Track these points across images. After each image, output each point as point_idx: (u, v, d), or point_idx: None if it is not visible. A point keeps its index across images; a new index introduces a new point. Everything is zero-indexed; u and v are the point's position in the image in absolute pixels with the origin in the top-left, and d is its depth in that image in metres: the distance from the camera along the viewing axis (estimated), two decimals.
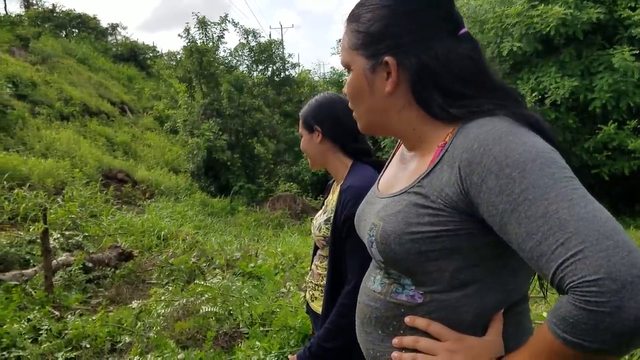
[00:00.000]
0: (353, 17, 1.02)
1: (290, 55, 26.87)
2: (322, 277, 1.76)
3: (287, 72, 23.98)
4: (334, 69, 28.65)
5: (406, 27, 0.94)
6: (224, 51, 22.47)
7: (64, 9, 29.41)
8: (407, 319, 0.95)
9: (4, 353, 3.55)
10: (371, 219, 1.01)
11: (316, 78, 27.76)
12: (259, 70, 23.45)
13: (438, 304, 0.93)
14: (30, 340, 3.75)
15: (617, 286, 0.67)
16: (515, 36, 10.86)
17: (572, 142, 11.21)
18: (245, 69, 23.18)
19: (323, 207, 1.85)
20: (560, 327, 0.73)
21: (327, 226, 1.70)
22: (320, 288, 1.78)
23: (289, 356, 1.71)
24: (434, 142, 0.95)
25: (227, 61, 22.05)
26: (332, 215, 1.63)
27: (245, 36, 22.61)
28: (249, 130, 18.78)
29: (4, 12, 26.53)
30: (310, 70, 28.77)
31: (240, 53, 23.02)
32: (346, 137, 1.71)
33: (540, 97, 10.72)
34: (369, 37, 0.98)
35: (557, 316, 0.74)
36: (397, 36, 0.95)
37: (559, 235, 0.72)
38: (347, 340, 1.55)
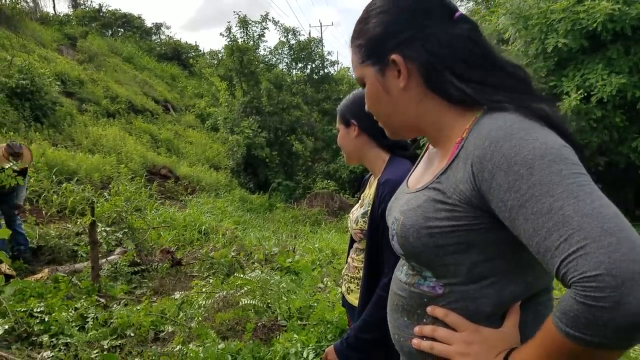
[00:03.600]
0: (355, 35, 1.06)
1: (329, 53, 27.01)
2: (358, 270, 1.79)
3: (325, 70, 24.04)
4: None
5: (404, 24, 0.98)
6: (264, 49, 22.71)
7: (110, 9, 30.35)
8: (428, 309, 0.99)
9: (53, 340, 3.72)
10: (394, 214, 1.05)
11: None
12: (298, 68, 23.59)
13: (457, 296, 0.96)
14: (77, 328, 3.92)
15: (617, 282, 0.68)
16: (561, 32, 10.54)
17: (619, 141, 10.82)
18: (285, 67, 23.37)
19: (360, 201, 1.87)
20: (563, 321, 0.74)
21: (364, 219, 1.72)
22: (356, 281, 1.81)
23: (327, 348, 1.74)
24: (453, 138, 0.97)
25: (267, 59, 22.29)
26: (369, 208, 1.65)
27: (285, 34, 22.79)
28: (287, 128, 18.94)
29: (53, 12, 27.57)
30: (349, 68, 28.66)
31: (280, 51, 23.22)
32: (383, 131, 1.73)
33: (586, 94, 10.38)
34: (372, 45, 1.02)
35: (560, 310, 0.75)
36: (397, 34, 0.98)
37: (563, 232, 0.73)
38: (383, 332, 1.57)
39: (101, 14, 29.68)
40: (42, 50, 17.55)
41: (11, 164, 5.29)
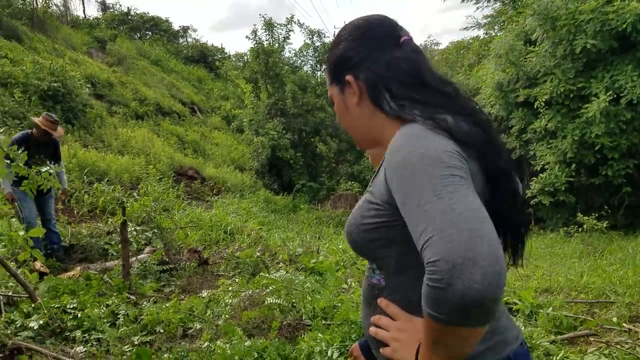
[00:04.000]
0: (327, 59, 1.25)
1: None
2: None
3: None
4: None
5: (357, 49, 1.17)
6: (289, 52, 22.87)
7: (138, 12, 30.92)
8: (378, 300, 1.14)
9: (85, 335, 3.85)
10: None
11: None
12: (323, 69, 23.67)
13: (393, 287, 1.12)
14: (108, 324, 4.05)
15: (449, 266, 0.79)
16: (589, 33, 10.39)
17: None
18: (310, 68, 23.48)
19: None
20: (424, 303, 0.86)
21: None
22: None
23: (352, 345, 1.79)
24: None
25: (292, 61, 22.43)
26: None
27: (310, 37, 22.90)
28: (311, 130, 19.02)
29: (83, 16, 28.22)
30: None
31: (304, 53, 23.35)
32: None
33: (615, 96, 10.21)
34: (334, 67, 1.21)
35: (422, 294, 0.86)
36: (351, 58, 1.17)
37: (422, 225, 0.86)
38: None
39: (129, 17, 30.25)
40: (72, 53, 18.02)
41: (52, 131, 5.59)
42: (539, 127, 11.69)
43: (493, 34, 19.16)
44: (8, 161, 3.37)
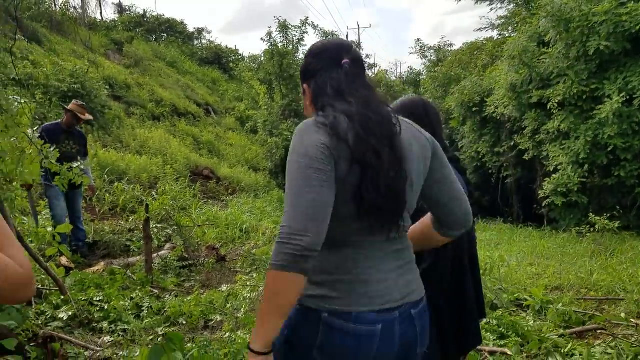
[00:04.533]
0: None
1: (367, 56, 27.02)
2: None
3: None
4: (411, 69, 28.44)
5: (312, 66, 1.57)
6: (303, 53, 23.02)
7: (153, 14, 31.25)
8: None
9: (112, 326, 4.04)
10: None
11: (393, 78, 27.69)
12: None
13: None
14: (133, 316, 4.24)
15: (285, 230, 1.25)
16: (603, 35, 10.43)
17: None
18: None
19: None
20: (272, 258, 1.28)
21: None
22: None
23: None
24: None
25: None
26: None
27: (324, 38, 23.06)
28: None
29: (100, 18, 28.63)
30: (387, 71, 28.79)
31: None
32: None
33: (628, 97, 10.25)
34: (301, 75, 1.64)
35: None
36: (308, 72, 1.60)
37: (284, 204, 1.30)
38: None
39: (146, 19, 30.57)
40: (90, 55, 18.36)
41: (81, 115, 5.80)
42: (552, 128, 11.74)
43: (507, 35, 19.18)
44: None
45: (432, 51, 26.61)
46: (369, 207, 1.34)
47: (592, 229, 9.11)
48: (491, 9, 20.75)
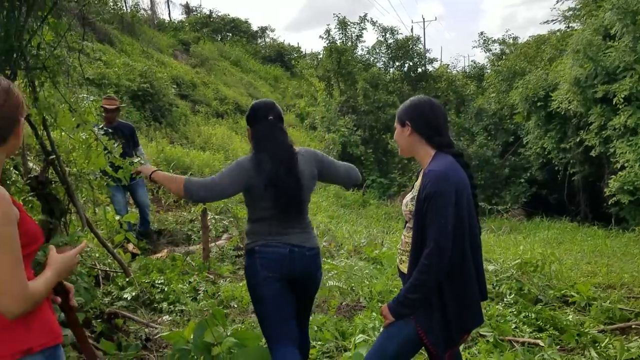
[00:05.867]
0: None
1: (428, 51, 26.66)
2: (408, 244, 2.16)
3: (424, 68, 23.97)
4: (474, 63, 27.78)
5: (251, 117, 2.66)
6: (362, 49, 23.15)
7: (219, 14, 32.29)
8: None
9: (171, 307, 4.41)
10: None
11: (455, 72, 27.17)
12: (395, 66, 23.75)
13: None
14: (190, 298, 4.61)
15: (188, 192, 2.46)
16: None
17: None
18: (382, 65, 23.63)
19: (412, 188, 2.26)
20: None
21: (412, 203, 2.11)
22: (406, 253, 2.18)
23: (381, 305, 2.15)
24: None
25: (364, 59, 22.71)
26: (417, 194, 2.03)
27: (383, 34, 23.05)
28: (382, 126, 19.23)
29: (168, 19, 29.93)
30: (448, 65, 28.23)
31: (377, 50, 23.54)
32: (431, 131, 2.10)
33: None
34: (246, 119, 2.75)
35: None
36: (249, 120, 2.68)
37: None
38: (427, 292, 1.96)
39: (211, 19, 31.66)
40: (159, 55, 19.33)
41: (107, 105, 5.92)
42: (619, 124, 11.27)
43: (575, 28, 18.40)
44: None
45: (496, 44, 25.92)
46: (280, 204, 2.50)
47: None
48: (557, 1, 19.82)
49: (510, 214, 15.62)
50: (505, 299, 4.30)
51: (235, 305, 4.47)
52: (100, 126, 4.02)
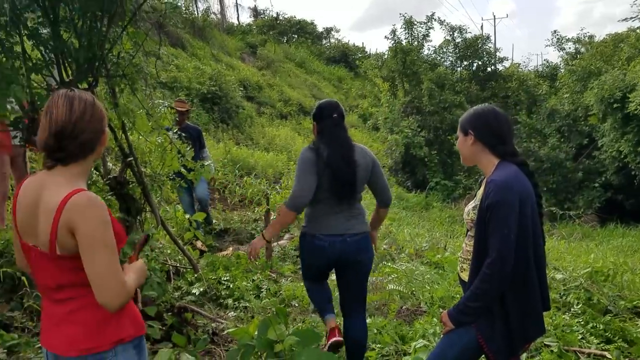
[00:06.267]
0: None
1: (499, 50, 25.86)
2: (470, 253, 2.16)
3: (493, 67, 23.31)
4: (547, 62, 26.70)
5: (317, 114, 3.05)
6: (428, 49, 22.82)
7: (286, 16, 32.84)
8: None
9: (235, 303, 4.59)
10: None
11: (526, 71, 26.22)
12: (463, 66, 23.25)
13: None
14: (254, 296, 4.76)
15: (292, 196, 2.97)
16: None
17: None
18: (449, 65, 23.19)
19: (474, 197, 2.25)
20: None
21: (474, 212, 2.10)
22: (467, 262, 2.19)
23: (442, 311, 2.16)
24: None
25: (430, 59, 22.38)
26: (479, 203, 2.03)
27: (451, 33, 22.63)
28: (448, 127, 18.88)
29: (237, 22, 30.76)
30: (519, 64, 27.28)
31: (444, 50, 23.13)
32: (495, 140, 2.08)
33: None
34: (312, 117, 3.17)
35: None
36: (315, 116, 3.06)
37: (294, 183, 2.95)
38: (488, 301, 1.95)
39: (278, 22, 32.27)
40: (228, 58, 19.95)
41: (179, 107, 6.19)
42: None
43: None
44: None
45: (570, 43, 24.82)
46: (335, 186, 2.87)
47: None
48: None
49: (583, 219, 14.96)
50: (572, 309, 4.15)
51: (297, 305, 4.58)
52: (174, 130, 4.23)
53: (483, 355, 2.12)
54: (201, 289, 4.60)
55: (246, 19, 35.46)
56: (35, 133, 3.30)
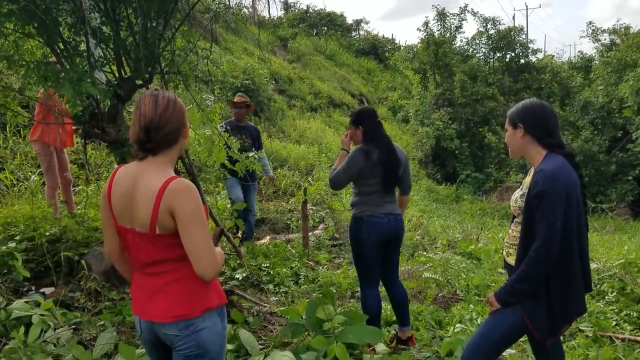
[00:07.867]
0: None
1: (532, 41, 25.43)
2: (516, 238, 2.33)
3: (527, 59, 22.97)
4: (581, 53, 26.16)
5: (362, 118, 3.55)
6: (461, 40, 22.61)
7: (316, 9, 32.90)
8: None
9: (276, 288, 4.80)
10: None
11: (560, 63, 25.74)
12: (496, 57, 22.98)
13: None
14: (293, 282, 4.97)
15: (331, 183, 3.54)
16: None
17: None
18: (482, 57, 22.96)
19: (521, 185, 2.40)
20: None
21: (522, 199, 2.26)
22: (514, 246, 2.35)
23: (488, 294, 2.32)
24: None
25: (462, 50, 22.19)
26: (527, 191, 2.18)
27: (484, 24, 22.38)
28: (480, 119, 18.77)
29: (268, 16, 30.96)
30: (553, 56, 26.78)
31: (477, 41, 22.90)
32: (543, 133, 2.21)
33: None
34: (353, 121, 3.65)
35: None
36: (358, 120, 3.54)
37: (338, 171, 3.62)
38: (533, 284, 2.11)
39: (308, 14, 32.36)
40: (260, 52, 20.19)
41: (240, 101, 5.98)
42: None
43: None
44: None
45: (605, 34, 24.23)
46: (386, 180, 3.40)
47: None
48: None
49: (616, 212, 14.77)
50: (606, 297, 4.24)
51: (334, 291, 4.77)
52: (222, 124, 4.41)
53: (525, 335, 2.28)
54: (244, 274, 4.81)
55: (277, 12, 35.66)
56: (97, 127, 3.57)
